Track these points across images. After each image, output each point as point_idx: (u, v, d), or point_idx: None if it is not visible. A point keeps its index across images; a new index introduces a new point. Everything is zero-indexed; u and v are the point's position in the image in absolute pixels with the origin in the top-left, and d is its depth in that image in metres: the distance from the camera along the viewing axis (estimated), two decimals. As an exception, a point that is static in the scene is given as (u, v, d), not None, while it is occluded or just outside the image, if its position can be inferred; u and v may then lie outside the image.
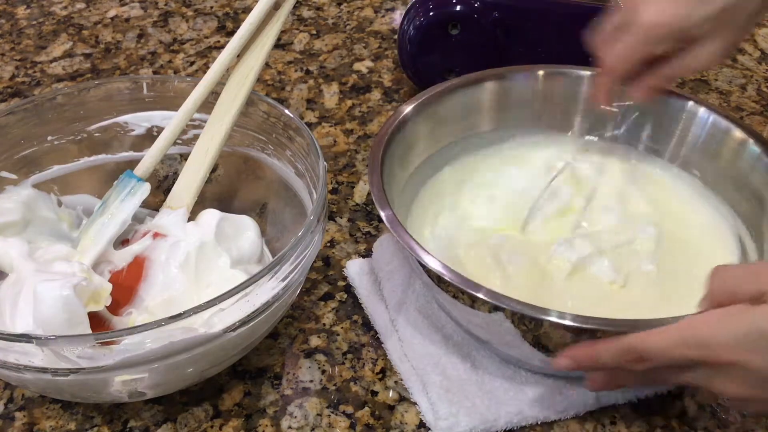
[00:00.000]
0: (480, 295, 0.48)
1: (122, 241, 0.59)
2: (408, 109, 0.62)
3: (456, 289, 0.50)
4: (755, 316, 0.41)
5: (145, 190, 0.59)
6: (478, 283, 0.49)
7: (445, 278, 0.49)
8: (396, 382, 0.56)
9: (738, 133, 0.61)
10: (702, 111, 0.63)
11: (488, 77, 0.66)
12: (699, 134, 0.64)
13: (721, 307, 0.43)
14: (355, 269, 0.63)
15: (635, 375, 0.46)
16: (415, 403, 0.55)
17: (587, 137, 0.68)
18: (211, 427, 0.54)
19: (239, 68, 0.60)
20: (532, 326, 0.49)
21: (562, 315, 0.47)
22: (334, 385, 0.56)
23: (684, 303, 0.48)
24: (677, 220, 0.62)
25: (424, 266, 0.51)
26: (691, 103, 0.64)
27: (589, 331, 0.47)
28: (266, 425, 0.54)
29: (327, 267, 0.65)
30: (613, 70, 0.59)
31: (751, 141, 0.60)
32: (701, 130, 0.64)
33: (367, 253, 0.65)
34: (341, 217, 0.70)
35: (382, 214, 0.54)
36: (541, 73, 0.67)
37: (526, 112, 0.67)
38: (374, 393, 0.56)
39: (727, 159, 0.62)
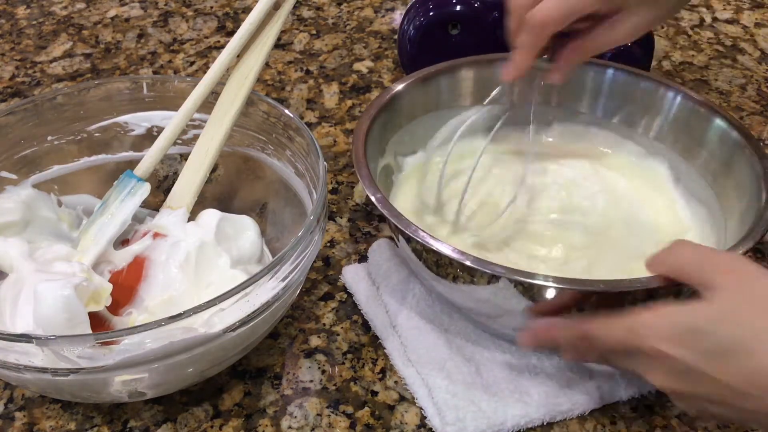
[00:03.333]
0: (468, 263, 0.50)
1: (122, 241, 0.59)
2: (388, 95, 0.63)
3: (450, 262, 0.51)
4: (686, 312, 0.43)
5: (145, 190, 0.59)
6: (464, 251, 0.50)
7: (444, 253, 0.50)
8: (396, 382, 0.56)
9: (711, 117, 0.62)
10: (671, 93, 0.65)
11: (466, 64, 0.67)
12: (667, 116, 0.65)
13: (668, 278, 0.46)
14: (351, 275, 0.63)
15: (595, 354, 0.49)
16: (415, 403, 0.55)
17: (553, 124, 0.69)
18: (211, 427, 0.54)
19: (239, 68, 0.60)
20: (527, 287, 0.50)
21: (546, 278, 0.49)
22: (334, 385, 0.56)
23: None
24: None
25: (410, 240, 0.52)
26: (662, 87, 0.65)
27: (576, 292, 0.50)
28: (266, 425, 0.54)
29: (327, 267, 0.65)
30: (544, 26, 0.54)
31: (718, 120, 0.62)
32: (670, 113, 0.65)
33: (364, 255, 0.65)
34: (341, 217, 0.70)
35: (373, 198, 0.54)
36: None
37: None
38: (374, 393, 0.56)
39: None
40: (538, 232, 0.62)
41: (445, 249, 0.51)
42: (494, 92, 0.62)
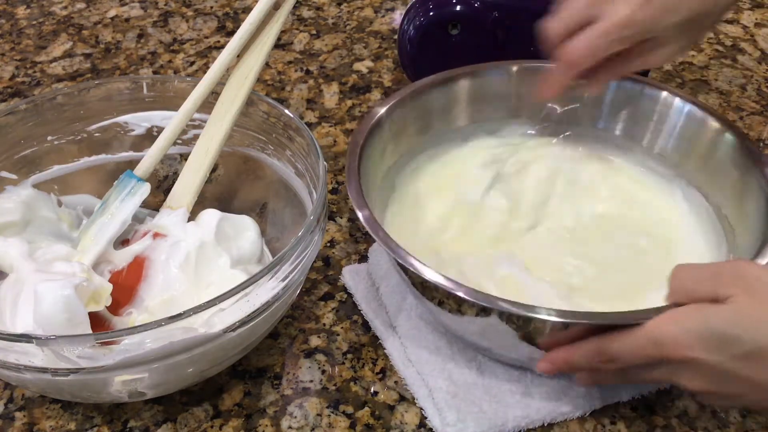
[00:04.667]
0: (461, 294, 0.48)
1: (122, 241, 0.59)
2: (383, 109, 0.62)
3: (434, 288, 0.50)
4: (708, 316, 0.43)
5: (145, 190, 0.59)
6: (457, 281, 0.49)
7: (424, 277, 0.49)
8: (396, 382, 0.56)
9: (714, 124, 0.62)
10: (677, 101, 0.64)
11: (461, 75, 0.67)
12: (675, 124, 0.64)
13: (680, 306, 0.45)
14: (351, 275, 0.63)
15: (613, 373, 0.49)
16: (415, 403, 0.55)
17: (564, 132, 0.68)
18: (211, 427, 0.54)
19: (239, 68, 0.60)
20: (521, 323, 0.49)
21: (549, 312, 0.47)
22: (334, 385, 0.56)
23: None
24: (645, 214, 0.63)
25: (401, 265, 0.51)
26: (665, 93, 0.64)
27: (576, 326, 0.48)
28: (266, 425, 0.54)
29: (327, 267, 0.65)
30: (574, 65, 0.57)
31: (727, 132, 0.61)
32: (677, 121, 0.64)
33: (364, 255, 0.65)
34: (341, 217, 0.70)
35: (360, 215, 0.53)
36: (514, 68, 0.67)
37: (501, 107, 0.68)
38: (374, 393, 0.56)
39: (703, 150, 0.63)
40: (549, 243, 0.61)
41: (437, 278, 0.49)
42: (544, 111, 0.65)
